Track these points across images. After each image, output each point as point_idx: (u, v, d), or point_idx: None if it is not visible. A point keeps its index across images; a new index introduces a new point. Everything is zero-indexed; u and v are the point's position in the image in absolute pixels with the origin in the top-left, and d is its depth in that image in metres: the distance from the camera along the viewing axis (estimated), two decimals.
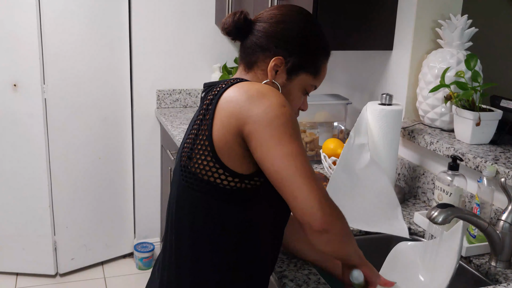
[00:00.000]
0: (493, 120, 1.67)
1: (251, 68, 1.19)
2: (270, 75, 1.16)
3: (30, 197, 2.94)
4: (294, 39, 1.17)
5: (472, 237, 1.47)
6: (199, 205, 1.10)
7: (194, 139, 1.09)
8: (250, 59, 1.18)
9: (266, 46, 1.16)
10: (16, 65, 2.76)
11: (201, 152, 1.07)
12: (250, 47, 1.18)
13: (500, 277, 1.35)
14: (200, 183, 1.08)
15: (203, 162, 1.07)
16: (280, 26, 1.16)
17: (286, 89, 1.18)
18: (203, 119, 1.09)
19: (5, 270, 3.07)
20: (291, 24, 1.17)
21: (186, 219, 1.13)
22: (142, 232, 3.25)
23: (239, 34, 1.18)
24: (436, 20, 1.88)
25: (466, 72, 1.76)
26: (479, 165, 1.51)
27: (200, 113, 1.11)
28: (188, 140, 1.12)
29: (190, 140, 1.11)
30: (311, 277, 1.29)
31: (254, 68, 1.18)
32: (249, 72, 1.19)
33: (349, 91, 2.33)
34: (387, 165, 1.75)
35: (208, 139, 1.06)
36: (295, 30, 1.17)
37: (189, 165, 1.10)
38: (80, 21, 2.79)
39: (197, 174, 1.08)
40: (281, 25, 1.16)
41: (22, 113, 2.82)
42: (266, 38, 1.16)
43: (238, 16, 1.16)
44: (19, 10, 2.68)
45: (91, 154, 2.99)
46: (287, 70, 1.17)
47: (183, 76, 3.04)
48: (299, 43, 1.17)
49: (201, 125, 1.09)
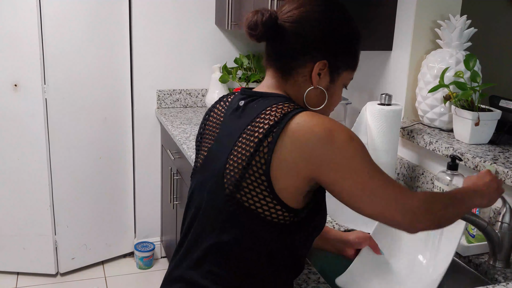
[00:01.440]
0: (492, 120, 1.67)
1: (289, 74, 1.12)
2: (315, 82, 1.12)
3: (30, 197, 2.94)
4: (332, 39, 1.11)
5: (471, 237, 1.47)
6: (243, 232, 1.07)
7: (245, 168, 1.04)
8: (288, 65, 1.11)
9: (306, 50, 1.09)
10: (16, 65, 2.76)
11: (255, 184, 1.03)
12: (286, 52, 1.11)
13: (499, 277, 1.36)
14: (247, 213, 1.05)
15: (258, 196, 1.03)
16: (316, 27, 1.09)
17: (330, 92, 1.15)
18: (257, 149, 1.03)
19: (6, 269, 3.08)
20: (326, 22, 1.10)
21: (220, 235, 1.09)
22: (142, 231, 3.25)
23: (268, 37, 1.10)
24: (435, 20, 1.89)
25: (465, 72, 1.76)
26: (478, 164, 1.52)
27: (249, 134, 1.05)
28: (233, 167, 1.06)
29: (237, 170, 1.05)
30: (311, 277, 1.30)
31: (294, 74, 1.12)
32: (288, 80, 1.12)
33: (348, 91, 2.33)
34: (387, 165, 1.75)
35: (265, 175, 1.02)
36: (332, 29, 1.11)
37: (236, 194, 1.05)
38: (81, 22, 2.79)
39: (244, 203, 1.04)
40: (316, 24, 1.09)
41: (23, 113, 2.82)
42: (304, 41, 1.09)
43: (268, 16, 1.08)
44: (20, 11, 2.68)
45: (92, 154, 3.00)
46: (330, 72, 1.12)
47: (183, 76, 3.05)
48: (338, 41, 1.12)
49: (254, 155, 1.03)
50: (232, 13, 2.72)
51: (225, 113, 1.18)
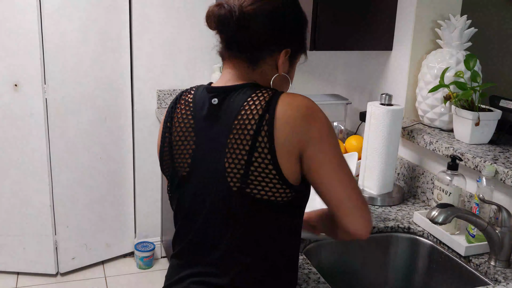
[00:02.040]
0: (492, 120, 1.67)
1: (256, 63, 1.15)
2: (281, 69, 1.17)
3: (30, 197, 2.94)
4: (294, 27, 1.17)
5: (472, 237, 1.47)
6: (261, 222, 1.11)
7: (247, 163, 1.05)
8: (255, 55, 1.14)
9: (272, 40, 1.13)
10: (17, 65, 2.76)
11: (263, 175, 1.05)
12: (252, 43, 1.13)
13: (499, 277, 1.36)
14: (260, 203, 1.08)
15: (268, 185, 1.06)
16: (280, 17, 1.13)
17: (290, 74, 1.21)
18: (255, 142, 1.05)
19: (6, 269, 3.08)
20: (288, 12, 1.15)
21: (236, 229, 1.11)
22: (142, 231, 3.25)
23: (231, 28, 1.12)
24: (435, 20, 1.89)
25: (465, 72, 1.76)
26: (478, 164, 1.52)
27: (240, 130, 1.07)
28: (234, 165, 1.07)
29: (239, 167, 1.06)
30: (311, 277, 1.30)
31: (261, 64, 1.15)
32: (255, 69, 1.15)
33: (349, 91, 2.33)
34: (387, 165, 1.75)
35: (272, 164, 1.05)
36: (293, 18, 1.16)
37: (246, 189, 1.07)
38: (81, 21, 2.79)
39: (255, 195, 1.07)
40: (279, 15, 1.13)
41: (23, 113, 2.82)
42: (270, 32, 1.13)
43: (238, 11, 1.10)
44: (20, 10, 2.68)
45: (92, 154, 3.00)
46: (290, 58, 1.18)
47: (183, 76, 3.05)
48: (298, 29, 1.18)
49: (254, 149, 1.05)
50: None
51: (194, 115, 1.16)
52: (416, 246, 1.61)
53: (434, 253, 1.56)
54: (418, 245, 1.61)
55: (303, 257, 1.39)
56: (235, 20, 1.10)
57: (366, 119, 1.77)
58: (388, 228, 1.62)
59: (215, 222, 1.13)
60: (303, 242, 1.47)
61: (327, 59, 2.51)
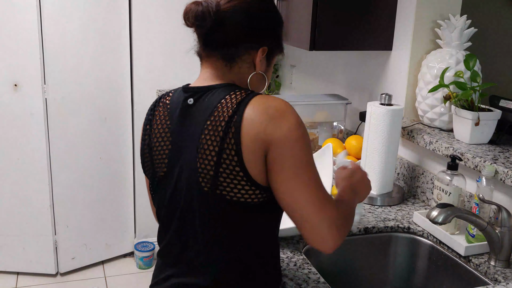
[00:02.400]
0: (492, 120, 1.67)
1: (234, 62, 1.15)
2: (258, 67, 1.16)
3: (30, 197, 2.94)
4: (270, 26, 1.18)
5: (471, 237, 1.47)
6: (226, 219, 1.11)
7: (217, 164, 1.05)
8: (232, 54, 1.14)
9: (249, 38, 1.13)
10: (16, 65, 2.76)
11: (231, 177, 1.05)
12: (229, 41, 1.13)
13: (499, 277, 1.36)
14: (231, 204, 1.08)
15: (237, 187, 1.06)
16: (257, 15, 1.14)
17: (267, 74, 1.21)
18: (223, 143, 1.05)
19: (6, 269, 3.08)
20: (265, 10, 1.16)
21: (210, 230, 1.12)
22: (142, 231, 3.25)
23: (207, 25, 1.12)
24: (435, 20, 1.89)
25: (465, 72, 1.76)
26: (478, 164, 1.52)
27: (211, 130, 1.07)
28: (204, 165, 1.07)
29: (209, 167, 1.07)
30: (311, 277, 1.30)
31: (238, 62, 1.15)
32: (233, 68, 1.15)
33: (348, 91, 2.33)
34: (387, 165, 1.75)
35: (239, 166, 1.04)
36: (269, 16, 1.17)
37: (216, 190, 1.07)
38: (81, 21, 2.79)
39: (225, 196, 1.07)
40: (257, 13, 1.14)
41: (23, 113, 2.82)
42: (247, 30, 1.13)
43: (214, 8, 1.11)
44: (19, 10, 2.68)
45: (92, 154, 3.00)
46: (267, 56, 1.18)
47: (183, 76, 3.04)
48: (274, 28, 1.19)
49: (222, 150, 1.05)
50: None
51: (171, 116, 1.17)
52: (416, 246, 1.61)
53: (434, 253, 1.56)
54: (418, 245, 1.61)
55: (303, 257, 1.39)
56: (212, 16, 1.10)
57: (366, 119, 1.77)
58: (388, 228, 1.62)
59: (190, 222, 1.14)
60: (301, 242, 1.47)
61: (327, 59, 2.51)
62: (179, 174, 1.13)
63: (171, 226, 1.19)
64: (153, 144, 1.18)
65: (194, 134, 1.10)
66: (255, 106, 1.05)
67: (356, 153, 1.96)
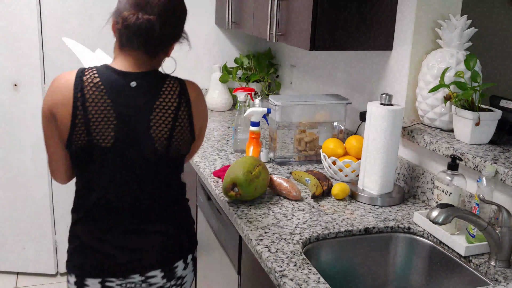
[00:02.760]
0: (493, 120, 1.67)
1: (156, 55, 1.45)
2: (169, 55, 1.51)
3: (30, 197, 2.95)
4: (181, 27, 1.48)
5: (472, 237, 1.47)
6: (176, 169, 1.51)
7: (171, 130, 1.42)
8: (156, 50, 1.44)
9: (167, 40, 1.44)
10: (16, 65, 2.76)
11: (181, 137, 1.44)
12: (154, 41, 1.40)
13: (499, 277, 1.36)
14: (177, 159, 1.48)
15: (186, 144, 1.47)
16: (174, 23, 1.44)
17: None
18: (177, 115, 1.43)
19: (6, 269, 3.08)
20: (179, 19, 1.46)
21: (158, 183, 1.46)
22: None
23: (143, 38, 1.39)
24: (435, 20, 1.89)
25: (465, 72, 1.76)
26: (479, 165, 1.52)
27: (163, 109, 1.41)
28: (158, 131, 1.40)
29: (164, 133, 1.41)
30: (311, 277, 1.30)
31: (160, 54, 1.47)
32: (154, 58, 1.46)
33: (349, 91, 2.33)
34: (387, 165, 1.75)
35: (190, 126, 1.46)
36: (181, 20, 1.47)
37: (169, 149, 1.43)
38: (81, 21, 2.80)
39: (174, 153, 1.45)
40: (173, 21, 1.44)
41: (23, 113, 2.83)
42: (166, 35, 1.42)
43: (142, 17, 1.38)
44: (19, 11, 2.68)
45: None
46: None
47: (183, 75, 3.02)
48: (182, 27, 1.49)
49: (176, 119, 1.42)
50: (232, 13, 2.72)
51: (109, 95, 1.38)
52: (416, 246, 1.61)
53: (434, 253, 1.56)
54: (418, 245, 1.61)
55: (303, 257, 1.39)
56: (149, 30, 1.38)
57: (366, 119, 1.77)
58: (388, 228, 1.62)
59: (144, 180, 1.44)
60: (301, 243, 1.47)
61: (327, 59, 2.51)
62: (131, 143, 1.39)
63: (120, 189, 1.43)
64: (92, 121, 1.36)
65: (144, 112, 1.40)
66: (194, 90, 1.49)
67: (357, 153, 1.96)
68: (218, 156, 2.22)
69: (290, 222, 1.60)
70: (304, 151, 2.17)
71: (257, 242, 1.46)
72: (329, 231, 1.55)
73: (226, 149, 2.32)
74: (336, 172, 1.95)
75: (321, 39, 1.89)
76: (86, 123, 1.36)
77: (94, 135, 1.37)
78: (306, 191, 1.86)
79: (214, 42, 3.09)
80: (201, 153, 2.25)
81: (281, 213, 1.67)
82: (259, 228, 1.55)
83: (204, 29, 3.06)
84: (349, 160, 1.93)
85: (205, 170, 2.04)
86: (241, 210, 1.67)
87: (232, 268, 1.80)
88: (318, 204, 1.75)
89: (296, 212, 1.67)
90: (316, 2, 1.85)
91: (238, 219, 1.61)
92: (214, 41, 3.09)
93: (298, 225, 1.58)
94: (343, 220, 1.63)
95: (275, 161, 2.15)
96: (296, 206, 1.73)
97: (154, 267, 1.45)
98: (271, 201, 1.76)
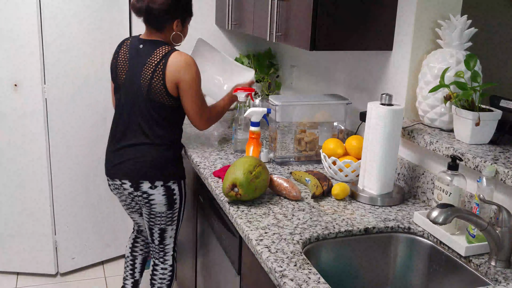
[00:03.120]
0: (493, 120, 1.67)
1: (162, 30, 2.13)
2: (176, 30, 2.15)
3: (30, 197, 2.95)
4: (183, 6, 2.14)
5: (472, 237, 1.47)
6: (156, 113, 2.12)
7: (149, 80, 2.06)
8: (161, 26, 2.11)
9: (169, 18, 2.11)
10: (16, 65, 2.76)
11: (157, 88, 2.06)
12: (159, 20, 2.10)
13: (499, 277, 1.36)
14: (158, 103, 2.10)
15: (162, 94, 2.07)
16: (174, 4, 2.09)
17: (183, 32, 2.20)
18: (155, 70, 2.05)
19: (6, 269, 3.08)
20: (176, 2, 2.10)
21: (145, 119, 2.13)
22: None
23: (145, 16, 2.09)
24: (435, 20, 1.89)
25: (465, 72, 1.76)
26: (479, 165, 1.52)
27: (149, 64, 2.06)
28: (143, 81, 2.07)
29: (146, 82, 2.06)
30: (311, 277, 1.30)
31: (164, 29, 2.13)
32: (162, 32, 2.13)
33: (349, 91, 2.33)
34: (387, 165, 1.75)
35: (163, 84, 2.06)
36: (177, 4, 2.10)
37: (150, 95, 2.08)
38: (81, 21, 2.79)
39: (154, 99, 2.08)
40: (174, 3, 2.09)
41: (23, 113, 2.82)
42: (167, 14, 2.09)
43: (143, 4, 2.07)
44: (19, 10, 2.68)
45: (92, 154, 3.00)
46: (182, 23, 2.17)
47: None
48: (186, 6, 2.17)
49: (154, 73, 2.05)
50: (232, 13, 2.72)
51: (130, 51, 2.15)
52: (416, 246, 1.61)
53: (434, 253, 1.56)
54: (418, 245, 1.61)
55: (303, 258, 1.39)
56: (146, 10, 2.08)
57: (366, 119, 1.77)
58: (388, 228, 1.62)
59: (134, 113, 2.13)
60: (302, 243, 1.47)
61: (327, 59, 2.51)
62: (131, 84, 2.12)
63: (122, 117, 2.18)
64: (118, 65, 2.18)
65: (140, 64, 2.09)
66: (175, 56, 2.06)
67: (357, 153, 1.96)
68: (218, 156, 2.22)
69: (290, 222, 1.60)
70: (304, 151, 2.17)
71: (257, 242, 1.46)
72: (329, 231, 1.55)
73: (226, 149, 2.32)
74: (336, 172, 1.95)
75: (321, 39, 1.89)
76: (115, 67, 2.19)
77: (118, 74, 2.18)
78: (306, 191, 1.86)
79: (214, 42, 3.09)
80: (201, 153, 2.25)
81: (281, 213, 1.67)
82: (259, 228, 1.55)
83: (204, 29, 3.06)
84: (349, 160, 1.93)
85: (205, 170, 2.04)
86: (241, 210, 1.67)
87: (232, 268, 1.80)
88: (318, 204, 1.75)
89: (296, 212, 1.68)
90: (316, 2, 1.85)
91: (238, 219, 1.61)
92: (214, 41, 3.09)
93: (298, 225, 1.58)
94: (343, 220, 1.63)
95: (275, 161, 2.16)
96: (296, 206, 1.73)
97: (124, 177, 2.15)
98: (271, 201, 1.76)
